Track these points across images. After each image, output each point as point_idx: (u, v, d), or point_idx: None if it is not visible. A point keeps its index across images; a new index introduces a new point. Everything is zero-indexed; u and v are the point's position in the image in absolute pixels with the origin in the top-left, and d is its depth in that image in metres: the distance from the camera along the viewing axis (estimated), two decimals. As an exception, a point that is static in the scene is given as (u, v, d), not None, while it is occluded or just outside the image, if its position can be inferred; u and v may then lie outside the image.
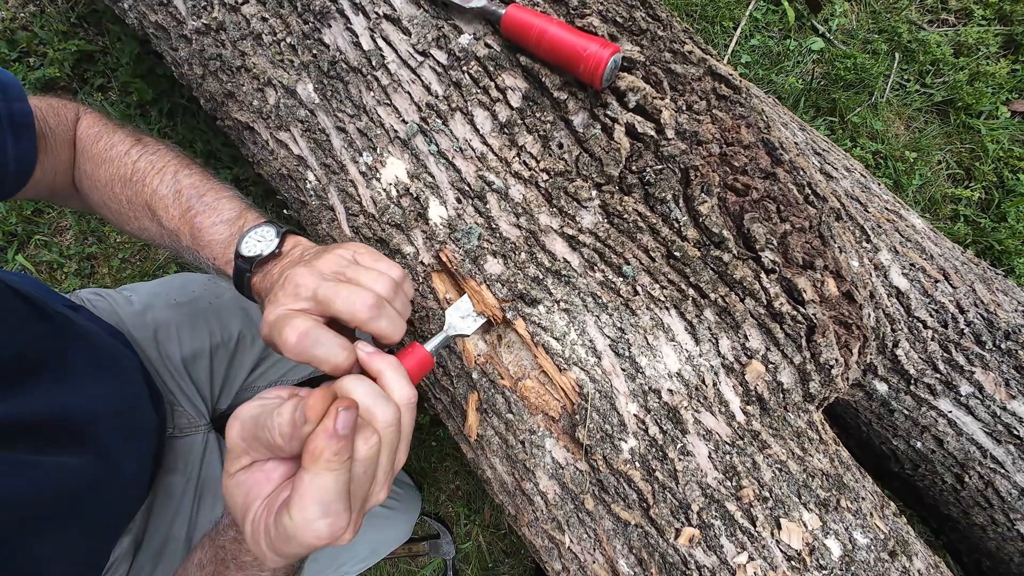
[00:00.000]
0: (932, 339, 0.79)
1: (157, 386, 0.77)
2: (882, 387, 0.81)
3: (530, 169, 0.58)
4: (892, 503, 0.62)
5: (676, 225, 0.55)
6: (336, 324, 0.43)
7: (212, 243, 0.53)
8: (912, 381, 0.79)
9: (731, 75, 0.58)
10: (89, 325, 0.70)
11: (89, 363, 0.61)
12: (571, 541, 0.57)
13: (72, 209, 1.28)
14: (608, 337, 0.55)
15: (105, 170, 0.59)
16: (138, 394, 0.70)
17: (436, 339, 0.50)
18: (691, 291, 0.55)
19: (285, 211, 0.71)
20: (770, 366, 0.55)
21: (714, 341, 0.55)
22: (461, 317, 0.53)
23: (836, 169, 0.91)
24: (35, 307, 0.57)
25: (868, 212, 0.86)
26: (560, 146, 0.57)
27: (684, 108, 0.56)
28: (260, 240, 0.50)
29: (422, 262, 0.60)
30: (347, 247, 0.47)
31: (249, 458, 0.37)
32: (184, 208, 0.55)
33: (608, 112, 0.56)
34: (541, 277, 0.57)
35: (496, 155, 0.58)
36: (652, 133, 0.55)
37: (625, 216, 0.56)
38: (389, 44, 0.61)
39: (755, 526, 0.53)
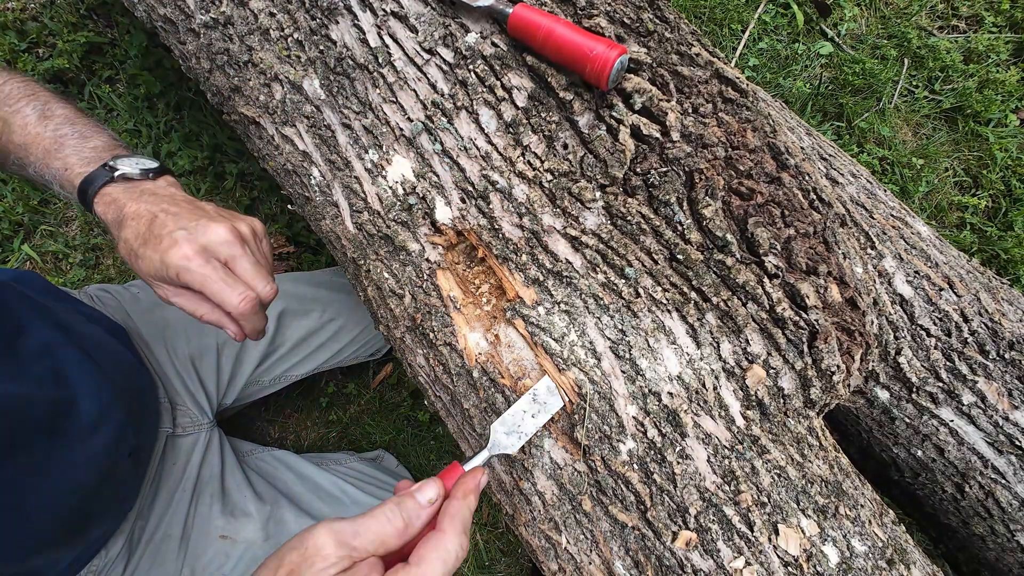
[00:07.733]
0: (935, 347, 0.79)
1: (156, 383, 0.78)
2: (884, 394, 0.81)
3: (534, 169, 0.58)
4: (891, 511, 0.62)
5: (680, 228, 0.55)
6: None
7: (69, 156, 0.52)
8: (914, 389, 0.79)
9: (738, 78, 0.57)
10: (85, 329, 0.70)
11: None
12: (568, 542, 0.57)
13: None
14: (609, 339, 0.55)
15: None
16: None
17: (477, 458, 0.48)
18: (693, 294, 0.55)
19: (289, 206, 0.72)
20: (771, 371, 0.55)
21: (715, 345, 0.55)
22: (506, 433, 0.49)
23: (842, 174, 0.91)
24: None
25: (873, 218, 0.86)
26: (565, 146, 0.57)
27: (690, 111, 0.56)
28: (138, 164, 0.52)
29: (427, 259, 0.60)
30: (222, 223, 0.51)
31: (349, 559, 0.41)
32: (49, 129, 0.53)
33: (614, 113, 0.56)
34: (542, 278, 0.56)
35: (500, 154, 0.58)
36: (657, 135, 0.55)
37: (628, 218, 0.56)
38: (396, 41, 0.61)
39: (753, 531, 0.53)
